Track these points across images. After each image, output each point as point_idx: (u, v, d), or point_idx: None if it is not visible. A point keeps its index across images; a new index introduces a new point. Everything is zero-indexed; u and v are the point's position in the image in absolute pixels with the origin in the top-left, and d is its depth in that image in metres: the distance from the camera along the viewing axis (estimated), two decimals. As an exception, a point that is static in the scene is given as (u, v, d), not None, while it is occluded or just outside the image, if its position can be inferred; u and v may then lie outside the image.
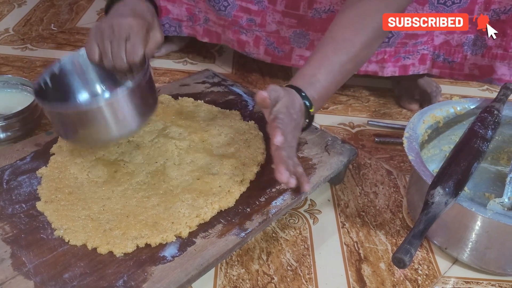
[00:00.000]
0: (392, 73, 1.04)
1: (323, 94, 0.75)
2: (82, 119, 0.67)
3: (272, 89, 0.69)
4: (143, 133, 0.82)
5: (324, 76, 0.74)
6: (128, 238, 0.63)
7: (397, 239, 0.77)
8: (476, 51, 0.99)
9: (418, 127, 0.80)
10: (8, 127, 0.87)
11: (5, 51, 1.21)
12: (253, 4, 1.04)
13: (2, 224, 0.65)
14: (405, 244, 0.57)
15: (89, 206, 0.68)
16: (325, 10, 1.00)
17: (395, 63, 1.03)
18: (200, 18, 1.11)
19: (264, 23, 1.05)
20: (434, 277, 0.72)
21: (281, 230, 0.76)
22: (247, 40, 1.09)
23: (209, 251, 0.63)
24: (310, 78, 0.74)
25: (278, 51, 1.08)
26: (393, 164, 0.93)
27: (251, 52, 1.10)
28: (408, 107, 1.11)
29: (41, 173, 0.74)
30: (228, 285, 0.67)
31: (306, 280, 0.69)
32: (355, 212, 0.81)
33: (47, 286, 0.57)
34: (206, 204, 0.68)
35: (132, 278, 0.59)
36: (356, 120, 1.06)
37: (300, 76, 0.75)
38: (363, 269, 0.72)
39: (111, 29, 0.72)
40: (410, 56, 1.02)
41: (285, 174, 0.64)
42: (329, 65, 0.75)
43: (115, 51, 0.71)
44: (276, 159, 0.66)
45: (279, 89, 0.70)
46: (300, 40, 1.06)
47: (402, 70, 1.04)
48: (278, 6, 1.03)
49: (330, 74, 0.75)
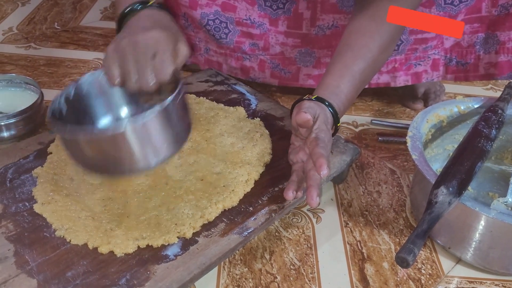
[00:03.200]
0: (405, 82, 1.03)
1: (346, 104, 0.76)
2: (103, 146, 0.56)
3: (308, 107, 0.70)
4: None
5: (346, 86, 0.75)
6: (129, 239, 0.63)
7: (401, 239, 0.76)
8: (489, 49, 0.97)
9: (421, 126, 0.80)
10: (11, 126, 0.87)
11: (8, 50, 1.22)
12: (255, 28, 1.01)
13: (5, 223, 0.65)
14: (408, 244, 0.57)
15: (89, 207, 0.67)
16: (328, 26, 0.99)
17: (407, 71, 1.02)
18: (201, 48, 1.08)
19: (267, 46, 1.03)
20: (438, 277, 0.71)
21: (284, 229, 0.76)
22: (251, 66, 1.06)
23: (211, 250, 0.63)
24: (334, 88, 0.74)
25: (284, 73, 1.06)
26: (397, 164, 0.93)
27: (256, 77, 1.07)
28: (412, 106, 1.11)
29: (37, 173, 0.73)
30: (231, 284, 0.67)
31: (309, 279, 0.69)
32: (358, 211, 0.81)
33: (50, 285, 0.57)
34: (210, 204, 0.68)
35: (135, 276, 0.59)
36: (360, 119, 1.06)
37: (324, 86, 0.75)
38: (366, 268, 0.71)
39: (134, 45, 0.62)
40: (422, 63, 1.01)
41: (316, 201, 0.64)
42: (350, 74, 0.75)
43: (141, 71, 0.61)
44: (311, 181, 0.66)
45: (313, 105, 0.70)
46: (306, 59, 1.04)
47: (414, 78, 1.03)
48: (280, 27, 1.01)
49: (352, 83, 0.75)
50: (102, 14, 1.45)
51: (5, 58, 1.18)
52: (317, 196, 0.64)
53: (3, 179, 0.72)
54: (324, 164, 0.63)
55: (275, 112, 0.92)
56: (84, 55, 1.22)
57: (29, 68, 1.14)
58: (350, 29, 0.79)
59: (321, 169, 0.63)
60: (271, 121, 0.89)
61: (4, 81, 0.96)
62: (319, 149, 0.66)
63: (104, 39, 1.31)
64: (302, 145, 0.73)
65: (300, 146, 0.73)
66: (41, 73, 1.13)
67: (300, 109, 0.70)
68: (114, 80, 0.62)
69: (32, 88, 0.95)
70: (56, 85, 1.09)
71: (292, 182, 0.69)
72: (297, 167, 0.71)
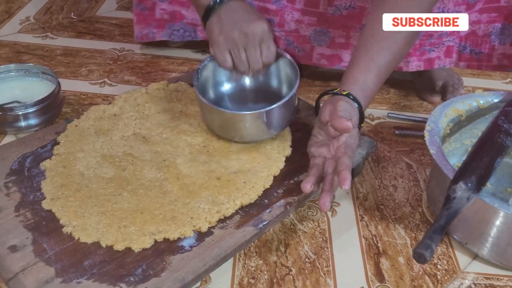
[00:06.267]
0: (417, 67, 1.02)
1: (370, 100, 0.76)
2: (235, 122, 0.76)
3: (344, 109, 0.69)
4: (150, 125, 0.81)
5: (373, 81, 0.74)
6: (146, 234, 0.63)
7: (417, 234, 0.76)
8: (504, 40, 0.96)
9: (439, 121, 0.79)
10: (29, 115, 0.88)
11: (26, 39, 1.22)
12: (271, 3, 1.01)
13: (23, 211, 0.65)
14: (426, 239, 0.56)
15: (101, 203, 0.67)
16: (346, 7, 0.98)
17: (420, 57, 1.01)
18: None
19: (282, 22, 1.03)
20: (454, 272, 0.71)
21: (299, 222, 0.76)
22: None
23: (227, 242, 0.63)
24: (361, 84, 0.73)
25: (298, 51, 1.06)
26: (413, 158, 0.92)
27: None
28: (429, 99, 1.10)
29: (45, 166, 0.73)
30: (246, 276, 0.67)
31: (324, 272, 0.69)
32: (374, 205, 0.81)
33: (68, 273, 0.58)
34: (228, 201, 0.68)
35: (151, 267, 0.59)
36: (376, 112, 1.05)
37: (351, 80, 0.74)
38: (381, 262, 0.71)
39: (245, 35, 0.75)
40: (436, 49, 1.00)
41: (328, 207, 0.64)
42: (376, 68, 0.74)
43: (253, 56, 0.76)
44: (328, 186, 0.66)
45: (349, 107, 0.70)
46: (320, 38, 1.04)
47: (427, 64, 1.02)
48: (297, 4, 1.01)
49: (378, 77, 0.74)
50: (118, 4, 1.45)
51: (22, 48, 1.19)
52: (329, 203, 0.64)
53: (21, 168, 0.72)
54: (348, 179, 0.63)
55: (291, 104, 0.91)
56: (100, 45, 1.23)
57: (46, 58, 1.15)
58: (373, 18, 0.77)
59: (343, 184, 0.63)
60: (287, 113, 0.88)
61: (22, 71, 0.96)
62: (346, 159, 0.66)
63: (120, 29, 1.31)
64: (326, 140, 0.72)
65: (323, 141, 0.72)
66: (58, 63, 1.14)
67: (337, 112, 0.68)
68: (228, 64, 0.77)
69: (49, 77, 0.96)
70: (72, 75, 1.09)
71: (311, 176, 0.68)
72: (317, 161, 0.71)
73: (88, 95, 1.03)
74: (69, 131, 0.79)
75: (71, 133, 0.78)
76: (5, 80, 0.96)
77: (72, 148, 0.75)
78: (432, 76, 1.10)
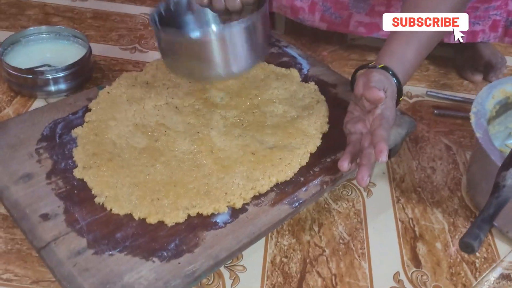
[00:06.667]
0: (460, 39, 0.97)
1: (410, 74, 0.71)
2: (194, 50, 0.66)
3: (378, 80, 0.65)
4: (182, 95, 0.78)
5: (413, 54, 0.70)
6: (179, 208, 0.61)
7: (455, 219, 0.73)
8: None
9: (486, 102, 0.75)
10: (59, 79, 0.86)
11: (55, 0, 1.20)
12: None
13: (55, 179, 0.64)
14: (474, 229, 0.53)
15: (134, 174, 0.65)
16: None
17: None
18: None
19: None
20: (493, 261, 0.68)
21: (334, 202, 0.74)
22: (301, 6, 1.02)
23: (261, 220, 0.61)
24: (400, 57, 0.69)
25: (335, 17, 1.02)
26: (453, 139, 0.88)
27: (305, 19, 1.03)
28: (471, 78, 1.05)
29: (76, 133, 0.71)
30: (278, 255, 0.66)
31: (359, 255, 0.67)
32: (411, 187, 0.78)
33: (100, 245, 0.56)
34: (264, 177, 0.65)
35: (184, 242, 0.58)
36: (414, 90, 1.01)
37: (389, 53, 0.70)
38: (418, 247, 0.69)
39: None
40: (481, 22, 0.95)
41: (366, 181, 0.61)
42: (417, 41, 0.70)
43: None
44: (365, 160, 0.62)
45: (383, 78, 0.66)
46: (359, 5, 0.99)
47: (470, 36, 0.97)
48: None
49: (418, 50, 0.70)
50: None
51: (52, 9, 1.16)
52: (368, 177, 0.61)
53: (53, 134, 0.71)
54: (385, 150, 0.60)
55: (328, 78, 0.88)
56: (131, 9, 1.20)
57: (76, 21, 1.13)
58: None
59: (380, 155, 0.60)
60: (324, 88, 0.85)
61: (53, 33, 0.94)
62: (382, 131, 0.62)
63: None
64: (362, 116, 0.68)
65: (359, 117, 0.69)
66: (88, 26, 1.11)
67: (370, 83, 0.65)
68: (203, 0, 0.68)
69: (80, 41, 0.94)
70: (102, 40, 1.07)
71: (348, 153, 0.65)
72: (354, 138, 0.68)
73: (119, 60, 1.01)
74: (101, 98, 0.77)
75: (103, 100, 0.76)
76: (36, 42, 0.94)
77: (104, 115, 0.74)
78: (475, 54, 1.05)
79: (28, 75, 0.85)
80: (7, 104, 0.87)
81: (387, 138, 0.62)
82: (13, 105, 0.87)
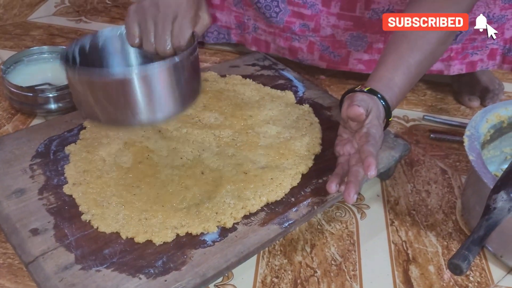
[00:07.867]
0: (459, 71, 0.98)
1: (399, 98, 0.72)
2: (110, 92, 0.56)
3: (361, 99, 0.66)
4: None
5: (401, 79, 0.70)
6: (168, 227, 0.61)
7: (449, 242, 0.72)
8: None
9: (480, 126, 0.75)
10: (59, 98, 0.87)
11: (60, 22, 1.23)
12: (306, 8, 0.98)
13: (47, 195, 0.65)
14: (463, 250, 0.53)
15: (120, 193, 0.65)
16: (383, 10, 0.94)
17: (462, 60, 0.97)
18: (249, 26, 1.07)
19: (318, 27, 1.00)
20: (486, 285, 0.67)
21: (327, 223, 0.74)
22: (300, 47, 1.03)
23: (250, 239, 0.61)
24: (388, 81, 0.70)
25: (334, 56, 1.03)
26: (448, 163, 0.88)
27: (304, 59, 1.05)
28: (468, 104, 1.05)
29: (69, 150, 0.72)
30: (269, 275, 0.65)
31: (351, 276, 0.66)
32: (405, 210, 0.77)
33: (87, 260, 0.56)
34: (254, 196, 0.65)
35: (172, 259, 0.58)
36: (411, 114, 1.01)
37: (376, 78, 0.71)
38: (410, 270, 0.68)
39: (156, 6, 0.63)
40: (479, 52, 0.96)
41: (353, 198, 0.61)
42: (406, 66, 0.70)
43: (159, 33, 0.62)
44: (353, 177, 0.62)
45: (366, 98, 0.67)
46: (357, 43, 1.00)
47: (469, 66, 0.98)
48: (333, 8, 0.97)
49: (406, 76, 0.71)
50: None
51: (56, 31, 1.19)
52: (354, 194, 0.60)
53: (47, 151, 0.72)
54: (372, 164, 0.60)
55: (323, 101, 0.89)
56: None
57: (78, 42, 1.15)
58: None
59: (369, 170, 0.60)
60: (319, 110, 0.86)
61: (55, 53, 0.96)
62: (369, 147, 0.63)
63: (154, 17, 1.30)
64: (351, 137, 0.69)
65: (348, 139, 0.70)
66: (90, 47, 1.13)
67: (352, 102, 0.66)
68: (134, 40, 0.64)
69: (80, 61, 0.95)
70: (104, 60, 1.09)
71: (336, 175, 0.65)
72: (342, 160, 0.68)
73: (118, 81, 1.02)
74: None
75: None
76: (38, 61, 0.95)
77: (98, 133, 0.74)
78: (472, 80, 1.05)
79: (29, 93, 0.86)
80: (7, 121, 0.88)
81: (375, 154, 0.62)
82: (13, 122, 0.88)
